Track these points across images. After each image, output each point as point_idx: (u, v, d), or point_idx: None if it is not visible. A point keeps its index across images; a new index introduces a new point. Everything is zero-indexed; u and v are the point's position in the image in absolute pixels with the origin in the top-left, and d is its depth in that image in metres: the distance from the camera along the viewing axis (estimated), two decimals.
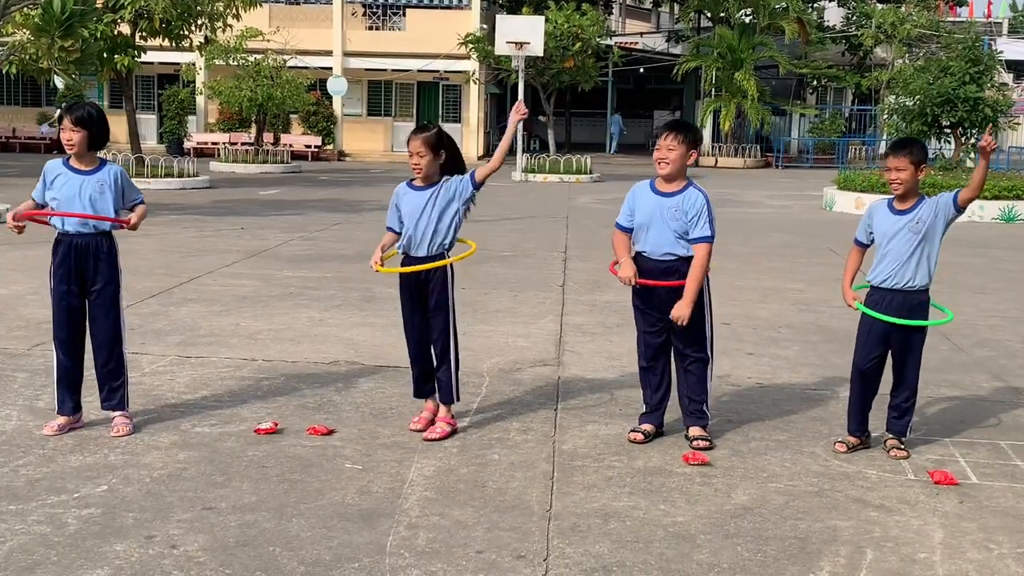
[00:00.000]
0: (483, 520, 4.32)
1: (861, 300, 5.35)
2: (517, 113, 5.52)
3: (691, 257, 5.22)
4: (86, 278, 5.34)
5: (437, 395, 5.57)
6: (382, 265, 5.44)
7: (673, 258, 5.25)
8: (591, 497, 4.62)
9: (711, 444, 5.38)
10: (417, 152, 5.30)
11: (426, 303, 5.44)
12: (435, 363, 5.52)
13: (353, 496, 4.57)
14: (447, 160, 5.40)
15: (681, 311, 5.16)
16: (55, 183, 5.33)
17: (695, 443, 5.36)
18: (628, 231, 5.40)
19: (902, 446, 5.31)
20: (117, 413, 5.44)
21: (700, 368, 5.43)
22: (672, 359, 5.51)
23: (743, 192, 24.11)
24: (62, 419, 5.38)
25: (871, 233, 5.33)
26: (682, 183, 5.28)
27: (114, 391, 5.45)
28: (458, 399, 5.56)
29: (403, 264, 5.45)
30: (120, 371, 5.46)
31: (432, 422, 5.50)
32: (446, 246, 5.40)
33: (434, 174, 5.36)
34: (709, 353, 5.43)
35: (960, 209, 5.16)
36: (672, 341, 5.43)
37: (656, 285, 5.29)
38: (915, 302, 5.21)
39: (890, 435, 5.37)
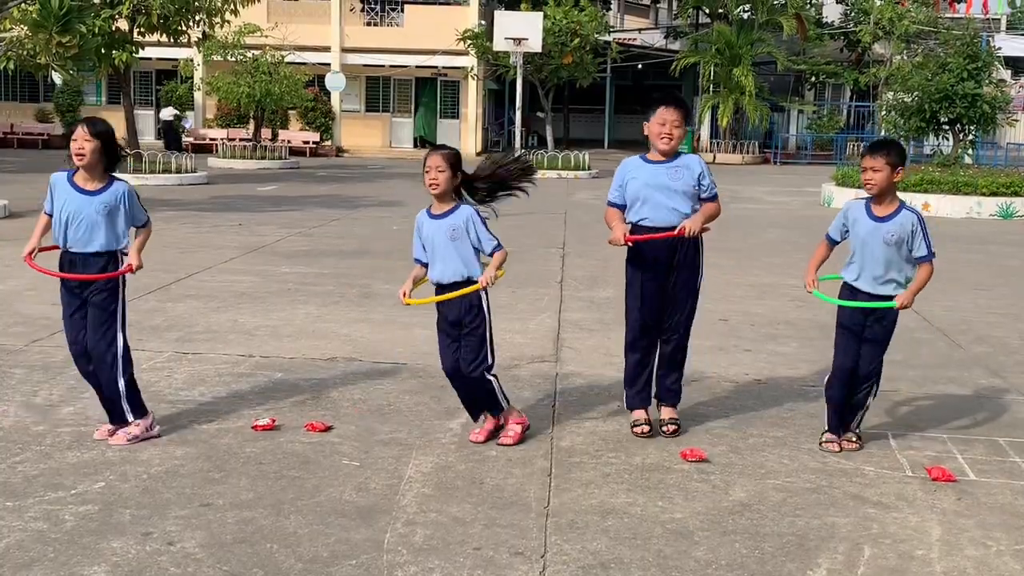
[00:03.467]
0: (481, 517, 4.32)
1: (820, 289, 5.33)
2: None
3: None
4: (86, 291, 5.12)
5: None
6: (410, 297, 5.21)
7: (676, 220, 5.24)
8: (589, 494, 4.62)
9: (680, 427, 5.47)
10: (436, 167, 5.08)
11: (461, 331, 5.20)
12: (472, 384, 5.24)
13: (351, 493, 4.56)
14: (464, 181, 5.24)
15: (693, 223, 5.16)
16: (58, 203, 5.09)
17: (666, 427, 5.44)
18: (620, 207, 5.39)
19: (854, 439, 5.35)
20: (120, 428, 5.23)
21: (683, 350, 5.50)
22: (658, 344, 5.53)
23: (742, 188, 24.10)
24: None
25: (846, 232, 5.31)
26: (674, 154, 5.36)
27: (113, 404, 5.20)
28: (506, 404, 5.35)
29: (437, 293, 5.22)
30: (115, 391, 5.15)
31: (493, 432, 5.33)
32: (475, 271, 5.13)
33: (449, 192, 5.16)
34: (689, 331, 5.51)
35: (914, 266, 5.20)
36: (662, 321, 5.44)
37: (648, 239, 5.25)
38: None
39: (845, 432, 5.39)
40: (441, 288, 5.19)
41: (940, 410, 6.10)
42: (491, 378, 5.22)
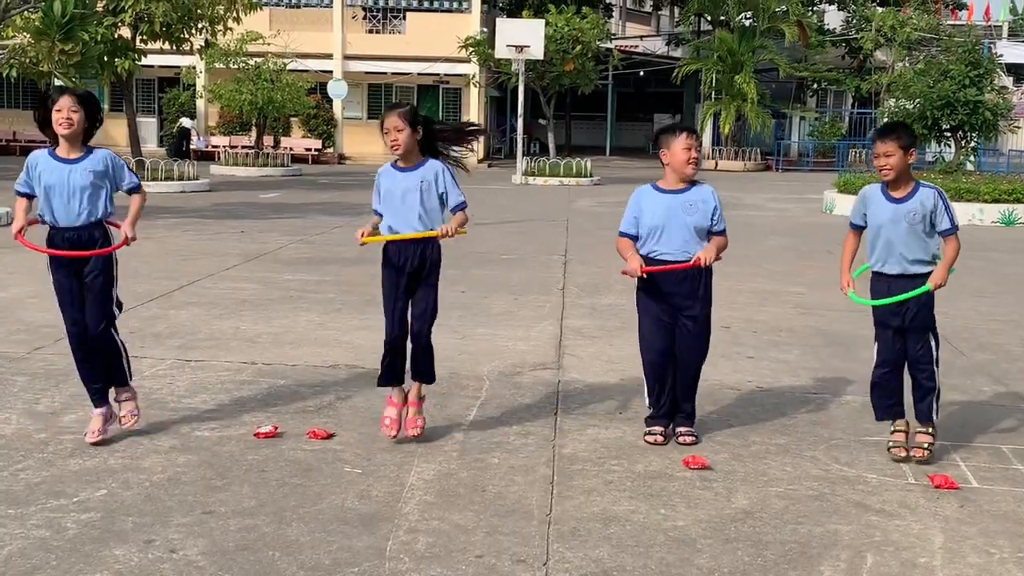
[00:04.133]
0: (483, 524, 4.32)
1: (855, 289, 5.36)
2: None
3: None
4: (80, 266, 5.20)
5: (411, 376, 5.43)
6: (370, 237, 5.33)
7: (687, 254, 5.27)
8: (591, 501, 4.61)
9: (698, 438, 5.47)
10: (395, 127, 5.17)
11: (413, 287, 5.30)
12: (413, 341, 5.33)
13: (353, 500, 4.56)
14: (423, 138, 5.29)
15: (707, 253, 5.20)
16: (40, 176, 5.14)
17: (682, 437, 5.45)
18: (633, 238, 5.40)
19: (928, 431, 5.28)
20: (124, 395, 5.39)
21: (699, 366, 5.49)
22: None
23: (744, 195, 24.09)
24: (98, 418, 5.29)
25: (865, 215, 5.32)
26: (689, 183, 5.37)
27: (114, 368, 5.37)
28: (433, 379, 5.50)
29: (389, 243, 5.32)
30: (116, 351, 5.34)
31: (399, 420, 5.40)
32: (436, 225, 5.27)
33: (413, 150, 5.26)
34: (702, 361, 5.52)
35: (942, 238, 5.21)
36: (676, 343, 5.45)
37: (664, 270, 5.26)
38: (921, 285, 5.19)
39: (917, 425, 5.33)
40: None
41: (943, 417, 6.08)
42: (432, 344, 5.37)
